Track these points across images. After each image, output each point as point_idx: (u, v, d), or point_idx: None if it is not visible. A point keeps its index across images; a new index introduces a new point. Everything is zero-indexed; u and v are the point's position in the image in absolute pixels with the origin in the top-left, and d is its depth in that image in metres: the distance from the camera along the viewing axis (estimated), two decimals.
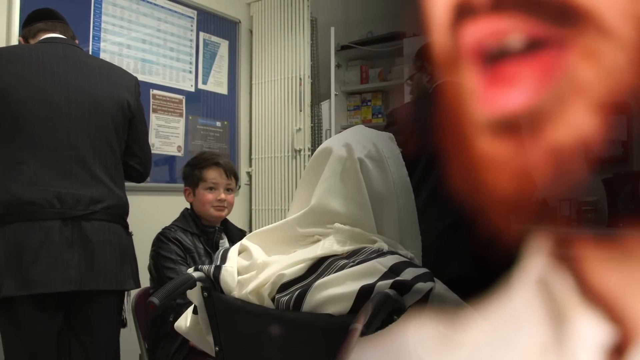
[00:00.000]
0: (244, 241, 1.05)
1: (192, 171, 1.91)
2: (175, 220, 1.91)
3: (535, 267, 0.34)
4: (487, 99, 0.28)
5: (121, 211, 1.68)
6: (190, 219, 1.88)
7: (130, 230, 1.73)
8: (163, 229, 1.86)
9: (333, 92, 3.06)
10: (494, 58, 0.28)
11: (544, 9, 0.25)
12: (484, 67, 0.28)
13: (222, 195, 1.88)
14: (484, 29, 0.28)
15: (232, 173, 1.94)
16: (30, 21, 1.71)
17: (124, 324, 1.73)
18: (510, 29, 0.26)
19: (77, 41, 1.77)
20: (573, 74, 0.25)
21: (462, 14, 0.29)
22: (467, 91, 0.29)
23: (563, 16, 0.25)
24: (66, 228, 1.51)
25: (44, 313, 1.52)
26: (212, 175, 1.88)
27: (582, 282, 0.31)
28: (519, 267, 0.35)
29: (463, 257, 1.91)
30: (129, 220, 1.77)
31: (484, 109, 0.29)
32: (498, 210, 0.29)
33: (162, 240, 1.80)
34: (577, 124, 0.26)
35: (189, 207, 1.95)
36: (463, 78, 0.29)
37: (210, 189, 1.87)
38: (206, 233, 1.88)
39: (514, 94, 0.27)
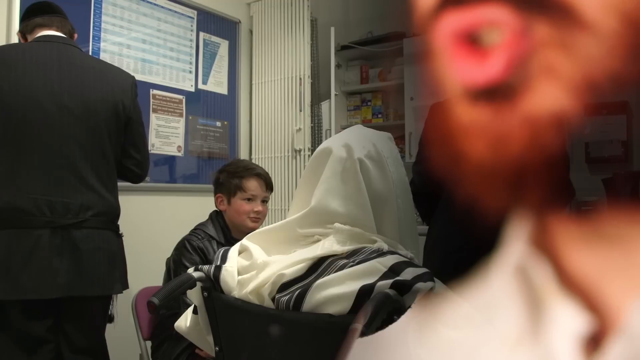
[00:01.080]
0: (244, 241, 1.05)
1: (230, 179, 1.86)
2: (202, 225, 1.87)
3: (514, 253, 0.34)
4: (459, 70, 0.30)
5: (112, 216, 1.68)
6: (220, 228, 1.85)
7: (120, 232, 1.73)
8: (190, 234, 1.82)
9: (333, 92, 3.06)
10: (471, 44, 0.29)
11: (524, 1, 0.27)
12: (460, 47, 0.29)
13: (260, 207, 1.86)
14: (464, 19, 0.29)
15: (270, 186, 1.92)
16: (28, 15, 1.71)
17: (110, 320, 1.74)
18: (490, 20, 0.28)
19: (75, 35, 1.76)
20: (543, 56, 0.26)
21: (445, 3, 0.30)
22: (443, 64, 0.31)
23: (542, 7, 0.26)
24: (55, 237, 1.52)
25: (34, 316, 1.54)
26: (253, 186, 1.85)
27: (560, 269, 0.31)
28: (498, 254, 0.35)
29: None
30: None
31: (457, 79, 0.30)
32: (475, 178, 0.30)
33: (186, 248, 1.76)
34: (549, 98, 0.27)
35: (210, 209, 1.91)
36: (440, 59, 0.31)
37: (249, 200, 1.84)
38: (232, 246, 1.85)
39: (483, 67, 0.28)
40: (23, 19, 1.73)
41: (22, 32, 1.71)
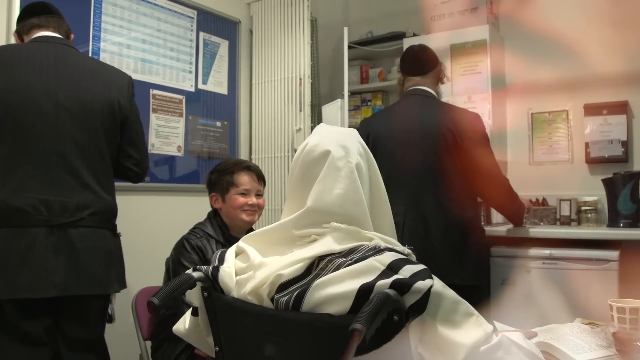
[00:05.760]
0: (240, 243, 1.05)
1: (222, 177, 1.88)
2: (201, 224, 1.87)
3: None
4: None
5: (108, 215, 1.68)
6: (217, 226, 1.85)
7: (118, 232, 1.73)
8: (189, 233, 1.83)
9: (346, 91, 2.94)
10: None
11: None
12: None
13: (254, 200, 1.87)
14: None
15: (261, 177, 1.93)
16: (25, 16, 1.70)
17: (110, 320, 1.74)
18: None
19: (72, 36, 1.76)
20: None
21: None
22: None
23: None
24: (52, 235, 1.52)
25: (32, 315, 1.53)
26: (245, 180, 1.86)
27: None
28: None
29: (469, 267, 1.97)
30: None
31: None
32: None
33: (185, 247, 1.76)
34: None
35: (209, 209, 1.92)
36: None
37: (242, 194, 1.85)
38: (231, 244, 1.85)
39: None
40: (20, 19, 1.72)
41: (19, 33, 1.71)
